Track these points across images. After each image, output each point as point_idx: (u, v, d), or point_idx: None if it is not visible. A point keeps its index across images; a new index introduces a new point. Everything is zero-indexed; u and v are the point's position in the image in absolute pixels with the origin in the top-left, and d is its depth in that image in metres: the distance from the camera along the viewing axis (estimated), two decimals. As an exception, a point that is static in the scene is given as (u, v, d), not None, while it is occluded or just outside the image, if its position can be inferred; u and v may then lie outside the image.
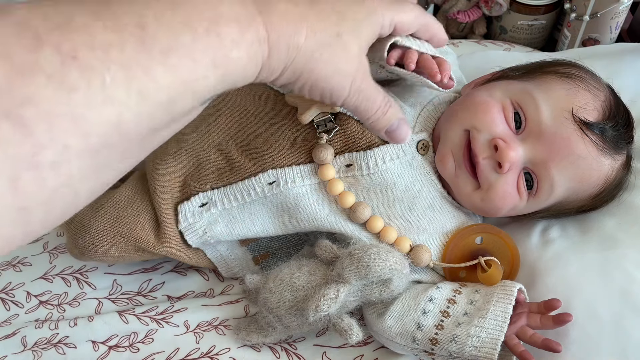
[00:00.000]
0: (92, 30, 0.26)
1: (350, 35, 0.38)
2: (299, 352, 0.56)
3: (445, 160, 0.52)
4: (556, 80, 0.51)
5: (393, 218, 0.52)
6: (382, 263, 0.47)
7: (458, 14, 0.80)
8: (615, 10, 0.71)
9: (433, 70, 0.47)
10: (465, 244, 0.53)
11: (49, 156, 0.24)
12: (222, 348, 0.56)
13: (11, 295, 0.62)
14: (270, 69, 0.35)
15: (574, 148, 0.49)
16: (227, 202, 0.54)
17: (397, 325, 0.51)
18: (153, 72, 0.27)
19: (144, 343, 0.57)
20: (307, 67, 0.36)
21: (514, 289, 0.50)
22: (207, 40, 0.30)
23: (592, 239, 0.54)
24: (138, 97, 0.27)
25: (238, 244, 0.59)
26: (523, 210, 0.53)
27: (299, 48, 0.35)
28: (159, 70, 0.28)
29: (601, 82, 0.53)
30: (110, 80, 0.26)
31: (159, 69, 0.28)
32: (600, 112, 0.50)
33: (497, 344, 0.47)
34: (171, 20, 0.28)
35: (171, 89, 0.28)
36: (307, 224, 0.53)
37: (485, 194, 0.51)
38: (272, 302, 0.52)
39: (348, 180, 0.53)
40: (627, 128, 0.52)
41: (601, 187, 0.52)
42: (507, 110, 0.51)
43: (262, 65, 0.34)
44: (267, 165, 0.53)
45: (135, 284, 0.62)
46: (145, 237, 0.54)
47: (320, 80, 0.37)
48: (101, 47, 0.26)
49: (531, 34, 0.79)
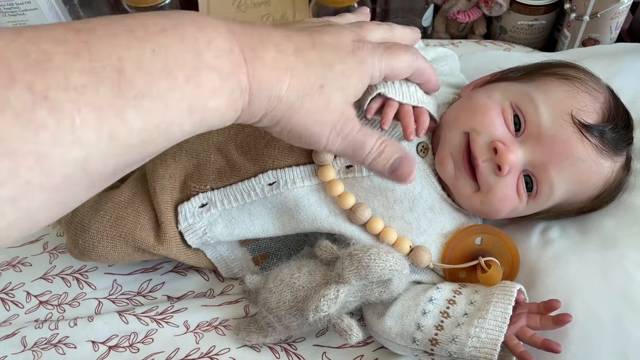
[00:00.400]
0: (68, 71, 0.26)
1: (334, 86, 0.38)
2: (299, 352, 0.56)
3: (445, 163, 0.52)
4: (555, 82, 0.51)
5: (393, 219, 0.52)
6: (382, 264, 0.47)
7: (458, 14, 0.80)
8: (615, 10, 0.71)
9: (408, 129, 0.47)
10: (465, 245, 0.53)
11: (8, 192, 0.24)
12: (222, 348, 0.56)
13: (11, 296, 0.62)
14: (250, 114, 0.35)
15: (574, 150, 0.49)
16: (227, 202, 0.54)
17: (397, 326, 0.51)
18: (125, 116, 0.27)
19: (144, 343, 0.57)
20: (287, 114, 0.36)
21: (514, 289, 0.50)
22: (184, 89, 0.30)
23: (592, 239, 0.54)
24: (108, 139, 0.27)
25: (238, 244, 0.59)
26: (523, 212, 0.53)
27: (279, 98, 0.35)
28: (131, 114, 0.27)
29: (601, 83, 0.53)
30: (80, 121, 0.26)
31: (131, 112, 0.27)
32: (600, 114, 0.50)
33: (496, 345, 0.47)
34: (150, 67, 0.28)
35: (143, 132, 0.28)
36: (307, 224, 0.53)
37: (485, 196, 0.51)
38: (272, 303, 0.52)
39: (348, 181, 0.53)
40: (627, 130, 0.52)
41: (601, 188, 0.52)
42: (507, 113, 0.51)
43: (242, 111, 0.34)
44: (267, 166, 0.53)
45: (135, 284, 0.62)
46: (145, 238, 0.54)
47: (299, 127, 0.37)
48: (75, 89, 0.26)
49: (531, 34, 0.79)
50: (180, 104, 0.30)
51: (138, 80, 0.28)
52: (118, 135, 0.27)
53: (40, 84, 0.25)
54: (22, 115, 0.24)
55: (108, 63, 0.27)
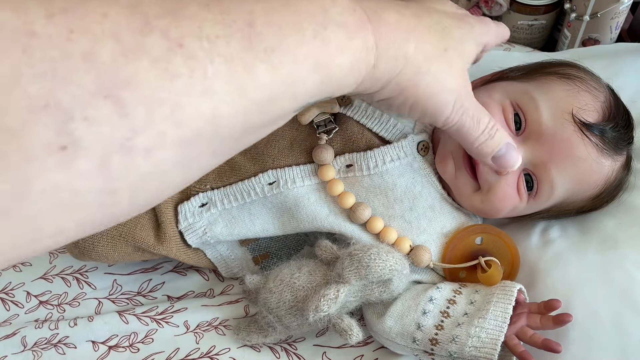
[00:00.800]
0: (201, 21, 0.25)
1: (455, 51, 0.37)
2: (299, 352, 0.56)
3: (445, 162, 0.52)
4: (556, 81, 0.51)
5: (393, 219, 0.52)
6: (382, 263, 0.47)
7: (458, 14, 0.80)
8: (615, 10, 0.71)
9: None
10: (465, 245, 0.53)
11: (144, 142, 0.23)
12: (222, 348, 0.56)
13: (11, 295, 0.62)
14: (374, 79, 0.34)
15: (574, 149, 0.49)
16: (227, 202, 0.54)
17: (397, 326, 0.51)
18: (255, 70, 0.27)
19: (144, 343, 0.57)
20: (413, 80, 0.35)
21: (514, 289, 0.50)
22: (312, 44, 0.29)
23: (592, 239, 0.54)
24: (236, 93, 0.26)
25: (238, 244, 0.59)
26: (523, 211, 0.53)
27: (407, 59, 0.34)
28: (260, 68, 0.27)
29: (601, 82, 0.53)
30: (213, 72, 0.25)
31: (260, 67, 0.27)
32: (600, 113, 0.50)
33: (497, 344, 0.47)
34: (280, 20, 0.28)
35: (270, 88, 0.28)
36: (307, 224, 0.53)
37: (485, 195, 0.51)
38: (272, 303, 0.52)
39: (348, 180, 0.53)
40: (627, 129, 0.52)
41: (601, 187, 0.52)
42: (507, 112, 0.51)
43: (365, 75, 0.33)
44: (267, 166, 0.53)
45: (135, 284, 0.62)
46: (145, 237, 0.54)
47: (425, 96, 0.36)
48: (208, 39, 0.25)
49: (531, 34, 0.79)
50: (307, 60, 0.29)
51: (268, 33, 0.27)
52: (246, 90, 0.27)
53: (175, 31, 0.24)
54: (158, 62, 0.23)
55: (238, 15, 0.27)
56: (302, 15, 0.29)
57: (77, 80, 0.21)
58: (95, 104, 0.22)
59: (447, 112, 0.38)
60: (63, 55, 0.21)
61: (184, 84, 0.24)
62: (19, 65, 0.20)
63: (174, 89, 0.24)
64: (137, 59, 0.23)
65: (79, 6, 0.22)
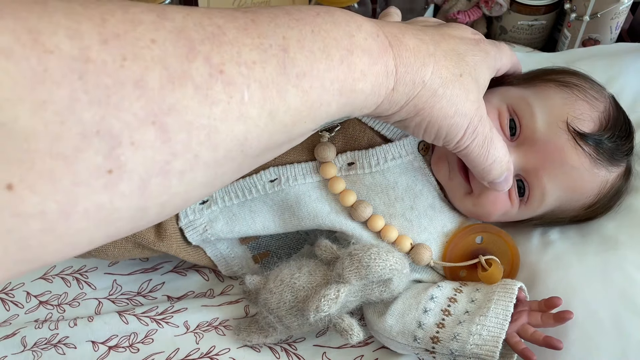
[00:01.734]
0: (240, 46, 0.26)
1: (470, 77, 0.38)
2: (299, 352, 0.56)
3: (440, 165, 0.52)
4: (554, 89, 0.51)
5: (394, 217, 0.52)
6: (382, 263, 0.47)
7: (458, 14, 0.80)
8: (615, 10, 0.71)
9: None
10: (466, 243, 0.53)
11: (180, 165, 0.24)
12: (222, 348, 0.56)
13: (11, 296, 0.61)
14: (392, 102, 0.35)
15: (567, 158, 0.48)
16: (228, 199, 0.54)
17: (398, 324, 0.51)
18: (285, 94, 0.27)
19: (144, 343, 0.57)
20: (429, 102, 0.36)
21: (515, 287, 0.50)
22: (340, 69, 0.30)
23: (592, 241, 0.54)
24: (267, 117, 0.27)
25: (238, 242, 0.59)
26: (515, 216, 0.53)
27: (424, 83, 0.35)
28: (291, 93, 0.28)
29: (604, 92, 0.52)
30: (249, 97, 0.26)
31: (292, 91, 0.28)
32: (597, 123, 0.49)
33: (498, 342, 0.47)
34: (311, 46, 0.29)
35: (297, 112, 0.29)
36: (308, 222, 0.53)
37: (477, 199, 0.51)
38: (272, 303, 0.52)
39: (349, 178, 0.53)
40: (625, 140, 0.51)
41: (594, 198, 0.51)
42: (503, 117, 0.50)
43: (385, 98, 0.34)
44: (269, 163, 0.53)
45: (135, 284, 0.62)
46: (145, 234, 0.54)
47: (440, 118, 0.37)
48: (246, 64, 0.26)
49: (531, 34, 0.79)
50: (334, 85, 0.30)
51: (300, 59, 0.28)
52: (277, 113, 0.27)
53: (216, 57, 0.25)
54: (200, 89, 0.24)
55: (274, 41, 0.27)
56: (330, 40, 0.30)
57: (128, 107, 0.22)
58: (143, 130, 0.23)
59: (459, 135, 0.39)
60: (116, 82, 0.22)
61: (222, 110, 0.25)
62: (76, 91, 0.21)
63: (213, 114, 0.25)
64: (182, 85, 0.24)
65: (130, 31, 0.23)
